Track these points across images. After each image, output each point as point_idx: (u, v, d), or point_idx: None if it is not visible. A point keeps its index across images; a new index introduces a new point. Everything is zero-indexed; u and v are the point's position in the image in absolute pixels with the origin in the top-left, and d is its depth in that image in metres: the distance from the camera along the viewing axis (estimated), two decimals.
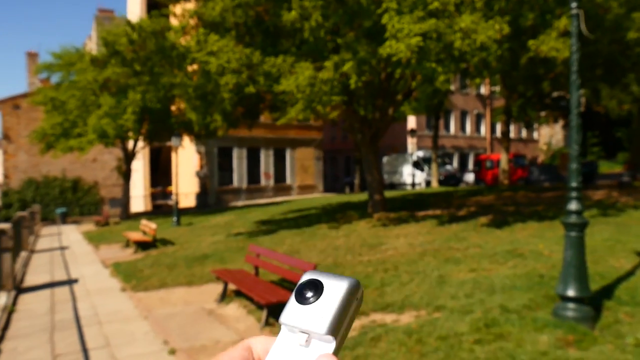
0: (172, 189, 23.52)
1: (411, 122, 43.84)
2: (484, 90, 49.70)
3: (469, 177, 37.57)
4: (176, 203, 22.07)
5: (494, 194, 21.14)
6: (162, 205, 39.07)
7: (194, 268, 11.73)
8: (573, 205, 5.94)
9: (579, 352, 4.92)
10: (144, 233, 17.18)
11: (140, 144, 30.14)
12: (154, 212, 34.78)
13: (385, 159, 39.46)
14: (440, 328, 5.91)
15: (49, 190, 39.00)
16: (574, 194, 5.98)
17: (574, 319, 5.62)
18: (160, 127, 27.30)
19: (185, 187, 35.57)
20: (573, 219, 5.90)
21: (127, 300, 9.24)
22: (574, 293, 5.71)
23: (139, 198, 39.26)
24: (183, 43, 19.65)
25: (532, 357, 4.85)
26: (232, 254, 12.87)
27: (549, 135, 54.86)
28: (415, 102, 28.05)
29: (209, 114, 18.16)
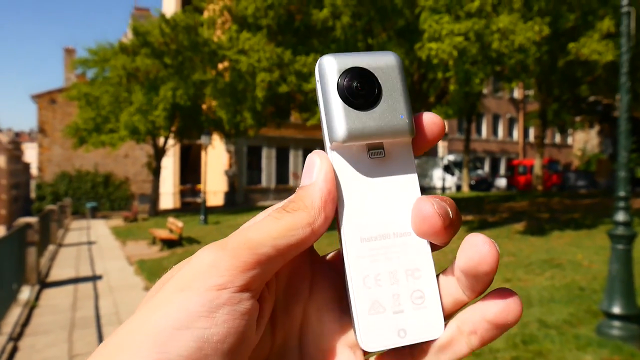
0: (201, 187, 23.48)
1: None
2: (517, 93, 48.74)
3: (501, 182, 36.85)
4: (204, 201, 22.03)
5: (527, 199, 20.55)
6: (191, 202, 39.27)
7: None
8: (620, 216, 5.55)
9: None
10: (171, 231, 17.14)
11: (171, 141, 30.32)
12: (182, 210, 34.97)
13: (415, 162, 38.95)
14: None
15: (81, 184, 39.64)
16: (621, 204, 5.59)
17: (620, 338, 5.24)
18: (190, 125, 27.39)
19: (214, 186, 35.66)
20: (620, 230, 5.52)
21: None
22: (620, 310, 5.34)
23: (168, 195, 39.55)
24: (215, 40, 19.61)
25: None
26: None
27: (584, 141, 53.54)
28: (447, 106, 27.56)
29: (239, 112, 18.07)
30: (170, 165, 38.92)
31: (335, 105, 0.39)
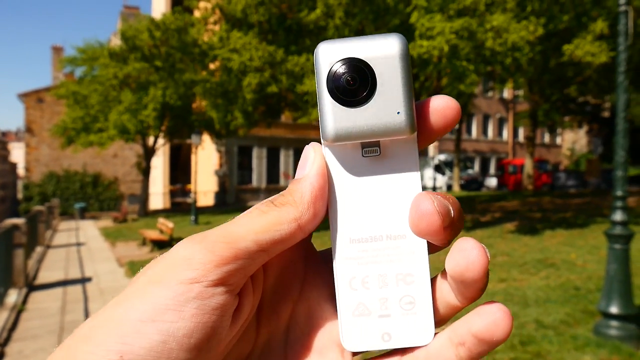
0: (191, 187, 23.31)
1: None
2: (507, 94, 48.93)
3: (491, 182, 36.98)
4: (194, 201, 21.85)
5: (518, 199, 20.58)
6: (181, 202, 38.99)
7: None
8: (618, 216, 5.51)
9: None
10: (161, 232, 16.97)
11: (161, 140, 30.06)
12: (173, 210, 34.71)
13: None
14: None
15: (69, 184, 39.21)
16: (619, 204, 5.54)
17: (618, 338, 5.20)
18: (180, 124, 27.18)
19: (204, 186, 35.43)
20: (618, 230, 5.47)
21: None
22: (617, 310, 5.29)
23: (158, 195, 39.26)
24: (205, 39, 19.46)
25: None
26: None
27: (572, 141, 53.91)
28: None
29: (230, 112, 17.93)
30: (160, 165, 38.61)
31: (325, 101, 0.36)
